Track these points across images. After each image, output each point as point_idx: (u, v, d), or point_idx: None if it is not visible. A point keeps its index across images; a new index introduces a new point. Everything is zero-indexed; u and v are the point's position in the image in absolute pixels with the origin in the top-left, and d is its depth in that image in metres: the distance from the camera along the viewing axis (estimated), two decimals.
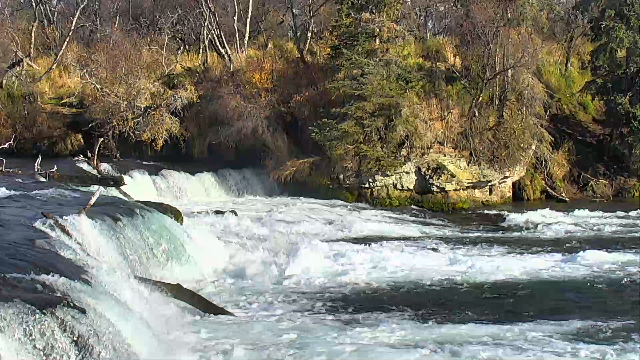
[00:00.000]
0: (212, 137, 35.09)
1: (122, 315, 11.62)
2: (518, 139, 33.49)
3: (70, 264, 13.07)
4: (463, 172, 32.78)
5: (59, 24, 47.81)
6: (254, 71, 36.02)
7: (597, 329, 14.56)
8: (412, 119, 32.49)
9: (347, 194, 32.77)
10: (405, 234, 26.04)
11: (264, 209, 29.56)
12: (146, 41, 41.09)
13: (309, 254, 20.60)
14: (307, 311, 16.07)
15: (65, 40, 41.31)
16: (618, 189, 35.95)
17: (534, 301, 16.92)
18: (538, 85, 34.47)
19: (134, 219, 18.35)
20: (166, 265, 17.91)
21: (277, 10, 46.84)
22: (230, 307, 16.08)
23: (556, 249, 22.70)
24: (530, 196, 35.16)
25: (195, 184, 32.58)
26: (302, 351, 13.12)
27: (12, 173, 26.60)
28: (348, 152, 31.78)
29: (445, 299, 17.20)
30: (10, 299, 9.74)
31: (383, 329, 14.55)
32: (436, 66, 35.09)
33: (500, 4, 33.72)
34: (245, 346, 13.30)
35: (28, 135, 37.03)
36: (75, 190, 22.50)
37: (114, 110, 34.71)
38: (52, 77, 40.94)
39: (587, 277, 19.04)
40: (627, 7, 35.79)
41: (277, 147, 34.22)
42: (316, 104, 34.40)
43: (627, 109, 35.61)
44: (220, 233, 23.45)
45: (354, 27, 32.69)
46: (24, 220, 15.77)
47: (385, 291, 17.87)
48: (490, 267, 19.85)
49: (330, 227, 26.41)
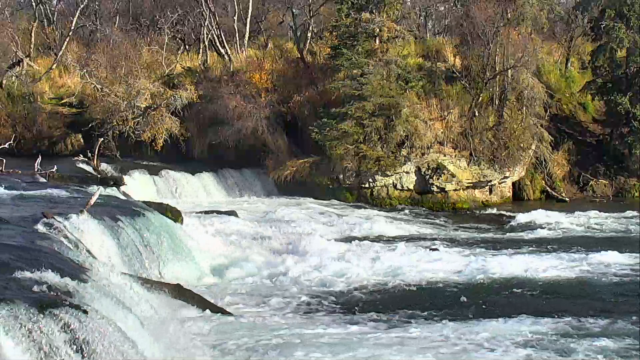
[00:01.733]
0: (212, 137, 35.08)
1: (122, 315, 11.62)
2: (518, 139, 33.48)
3: (70, 264, 13.06)
4: (463, 172, 32.77)
5: (59, 24, 47.78)
6: (253, 71, 36.03)
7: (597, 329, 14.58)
8: (412, 119, 32.47)
9: (347, 194, 32.77)
10: (406, 234, 26.03)
11: (263, 208, 29.56)
12: (146, 41, 41.09)
13: (309, 254, 20.62)
14: (307, 311, 16.08)
15: (65, 40, 41.30)
16: (618, 189, 35.95)
17: (535, 301, 16.93)
18: (538, 85, 34.45)
19: (133, 219, 18.36)
20: (166, 265, 17.92)
21: (277, 10, 46.82)
22: (230, 307, 16.08)
23: (557, 249, 22.69)
24: (530, 196, 35.15)
25: (195, 184, 32.57)
26: (302, 351, 13.12)
27: (12, 173, 26.55)
28: (348, 152, 31.77)
29: (447, 298, 17.20)
30: (11, 299, 9.74)
31: (385, 329, 14.56)
32: (436, 66, 35.07)
33: (500, 4, 33.71)
34: (244, 346, 13.31)
35: (28, 135, 37.00)
36: (75, 190, 22.47)
37: (114, 110, 34.69)
38: (52, 77, 40.94)
39: (587, 277, 19.05)
40: (627, 7, 35.80)
41: (277, 147, 34.23)
42: (316, 104, 34.41)
43: (627, 109, 35.62)
44: (220, 233, 23.43)
45: (354, 27, 32.69)
46: (24, 220, 15.76)
47: (385, 291, 17.87)
48: (491, 267, 19.84)
49: (330, 227, 26.39)
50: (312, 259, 20.23)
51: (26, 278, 10.93)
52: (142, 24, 46.59)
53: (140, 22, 47.16)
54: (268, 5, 46.70)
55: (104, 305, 11.36)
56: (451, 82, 34.41)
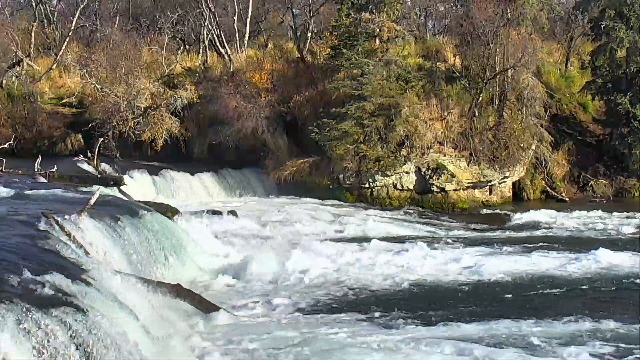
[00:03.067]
0: (212, 137, 35.08)
1: (122, 315, 11.62)
2: (518, 139, 33.48)
3: (70, 264, 13.06)
4: (463, 172, 32.77)
5: (59, 24, 47.77)
6: (253, 71, 36.02)
7: (597, 329, 14.57)
8: (412, 119, 32.47)
9: (347, 194, 32.76)
10: (406, 234, 26.02)
11: (263, 208, 29.54)
12: (146, 41, 41.10)
13: (309, 254, 20.63)
14: (307, 311, 16.07)
15: (65, 40, 41.29)
16: (618, 189, 35.93)
17: (537, 300, 16.93)
18: (538, 85, 34.45)
19: (134, 219, 18.37)
20: (166, 265, 17.92)
21: (277, 10, 46.84)
22: (230, 307, 16.08)
23: (557, 248, 22.68)
24: (530, 196, 35.15)
25: (195, 184, 32.56)
26: (302, 351, 13.12)
27: (12, 173, 26.57)
28: (348, 152, 31.78)
29: (448, 298, 17.19)
30: (10, 299, 9.74)
31: (386, 329, 14.56)
32: (436, 66, 35.06)
33: (500, 4, 33.69)
34: (244, 345, 13.31)
35: (28, 135, 37.02)
36: (75, 190, 22.48)
37: (114, 110, 34.68)
38: (52, 77, 40.94)
39: (588, 277, 19.06)
40: (627, 7, 35.76)
41: (277, 147, 34.24)
42: (316, 104, 34.41)
43: (627, 109, 35.59)
44: (220, 233, 23.44)
45: (354, 27, 32.69)
46: (24, 220, 15.75)
47: (386, 291, 17.87)
48: (492, 266, 19.83)
49: (330, 227, 26.39)
50: (312, 259, 20.22)
51: (26, 278, 10.92)
52: (142, 24, 46.60)
53: (140, 22, 47.17)
54: (268, 5, 46.69)
55: (103, 305, 11.36)
56: (451, 82, 34.40)
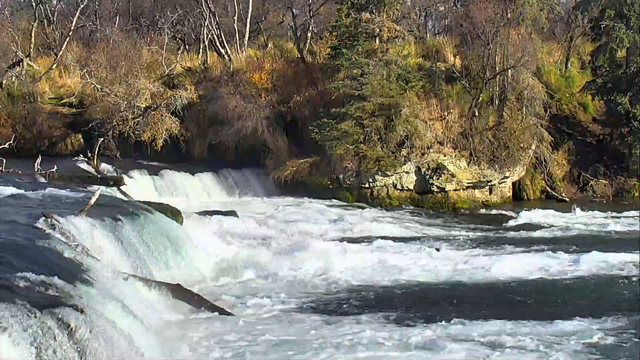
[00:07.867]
0: (212, 137, 35.08)
1: (122, 315, 11.63)
2: (518, 139, 33.48)
3: (71, 264, 13.07)
4: (463, 172, 32.76)
5: (59, 24, 47.75)
6: (253, 71, 36.04)
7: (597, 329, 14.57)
8: (412, 119, 32.46)
9: (347, 194, 32.76)
10: (406, 234, 26.02)
11: (263, 209, 29.56)
12: (146, 41, 41.07)
13: (309, 254, 20.61)
14: (307, 311, 16.05)
15: (65, 40, 41.31)
16: (618, 189, 35.92)
17: (538, 300, 16.93)
18: (538, 85, 34.45)
19: (134, 219, 18.36)
20: (166, 265, 17.91)
21: (277, 10, 46.84)
22: (230, 307, 16.07)
23: (558, 248, 22.64)
24: (530, 196, 35.15)
25: (195, 184, 32.56)
26: (302, 351, 13.12)
27: (12, 173, 26.58)
28: (348, 152, 31.77)
29: (449, 298, 17.18)
30: (11, 299, 9.74)
31: (387, 329, 14.55)
32: (436, 66, 35.05)
33: (500, 4, 33.70)
34: (244, 345, 13.31)
35: (28, 135, 37.03)
36: (75, 190, 22.48)
37: (114, 110, 34.70)
38: (52, 77, 40.96)
39: (588, 277, 19.06)
40: (627, 7, 35.75)
41: (277, 147, 34.24)
42: (316, 104, 34.41)
43: (627, 109, 35.60)
44: (220, 233, 23.43)
45: (354, 27, 32.68)
46: (24, 220, 15.76)
47: (386, 291, 17.86)
48: (493, 266, 19.83)
49: (330, 227, 26.36)
50: (312, 259, 20.20)
51: (26, 278, 10.93)
52: (142, 24, 46.61)
53: (140, 22, 47.19)
54: (268, 5, 46.72)
55: (103, 305, 11.36)
56: (451, 82, 34.41)
